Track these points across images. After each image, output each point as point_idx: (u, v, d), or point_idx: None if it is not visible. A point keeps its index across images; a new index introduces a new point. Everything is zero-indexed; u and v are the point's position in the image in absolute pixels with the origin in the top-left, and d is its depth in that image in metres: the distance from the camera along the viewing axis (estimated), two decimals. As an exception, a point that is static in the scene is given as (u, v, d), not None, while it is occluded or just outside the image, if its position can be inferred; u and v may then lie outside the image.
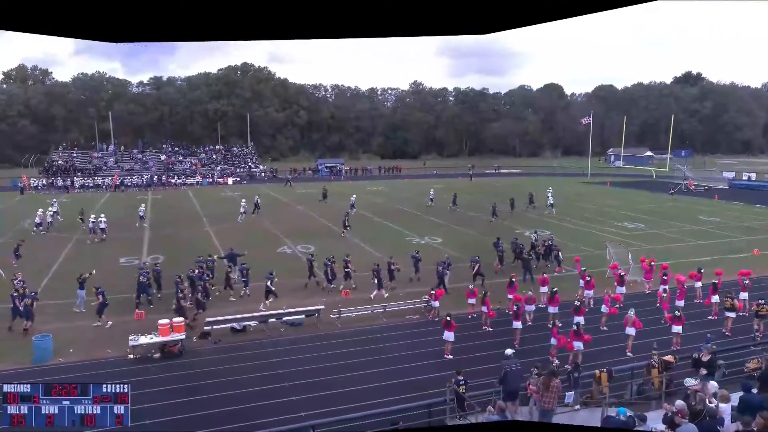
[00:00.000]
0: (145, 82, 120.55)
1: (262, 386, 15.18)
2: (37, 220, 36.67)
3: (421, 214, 44.57)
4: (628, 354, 16.95)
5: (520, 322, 18.30)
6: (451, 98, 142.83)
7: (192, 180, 73.74)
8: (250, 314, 19.77)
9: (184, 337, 17.68)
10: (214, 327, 18.65)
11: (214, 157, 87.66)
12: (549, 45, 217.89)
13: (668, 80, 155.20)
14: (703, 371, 13.35)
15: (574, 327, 16.48)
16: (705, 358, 13.47)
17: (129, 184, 68.08)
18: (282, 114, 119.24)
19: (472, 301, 20.49)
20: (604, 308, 19.43)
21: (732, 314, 18.63)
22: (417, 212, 45.52)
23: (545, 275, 22.53)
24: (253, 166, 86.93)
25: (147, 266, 24.37)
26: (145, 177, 72.02)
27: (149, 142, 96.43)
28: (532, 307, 19.75)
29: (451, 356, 17.01)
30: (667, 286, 21.68)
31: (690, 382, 13.95)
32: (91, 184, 67.35)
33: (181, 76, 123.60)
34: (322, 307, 20.31)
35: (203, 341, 18.41)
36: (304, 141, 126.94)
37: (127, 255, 29.99)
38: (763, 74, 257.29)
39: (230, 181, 75.08)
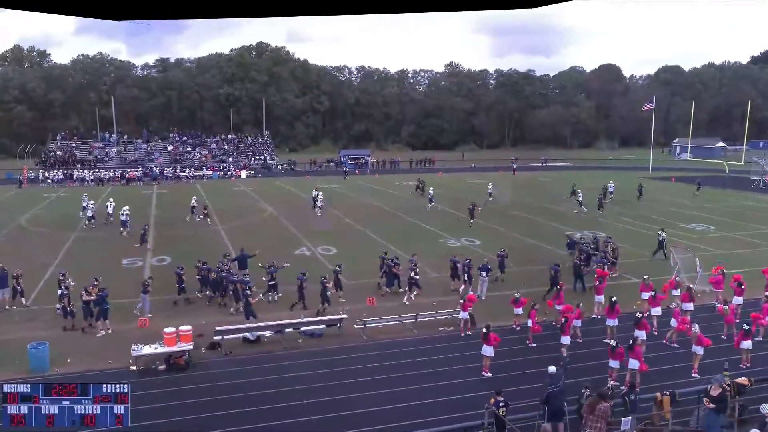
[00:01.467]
0: (151, 64, 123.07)
1: (276, 404, 15.31)
2: (90, 213, 39.15)
3: (457, 212, 44.38)
4: (694, 375, 16.62)
5: (568, 337, 18.11)
6: (491, 81, 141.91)
7: (201, 173, 74.72)
8: (265, 323, 19.95)
9: (191, 347, 17.93)
10: (225, 337, 18.88)
11: (226, 147, 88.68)
12: (605, 20, 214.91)
13: (744, 60, 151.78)
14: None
15: (630, 342, 16.20)
16: (715, 393, 13.03)
17: (132, 177, 69.29)
18: (301, 100, 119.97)
19: (519, 311, 20.35)
20: (673, 322, 19.10)
21: None
22: (452, 210, 45.31)
23: (599, 284, 22.17)
24: (269, 157, 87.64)
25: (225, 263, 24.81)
26: (151, 169, 73.25)
27: (155, 131, 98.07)
28: (579, 323, 19.41)
29: (490, 374, 16.92)
30: (741, 298, 21.12)
31: (767, 408, 13.66)
32: (92, 177, 68.75)
33: (190, 58, 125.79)
34: (345, 316, 20.39)
35: (212, 352, 18.65)
36: (326, 130, 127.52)
37: (130, 256, 30.55)
38: None
39: (243, 174, 75.87)
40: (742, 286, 21.73)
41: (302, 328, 19.82)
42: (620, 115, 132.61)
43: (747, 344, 17.51)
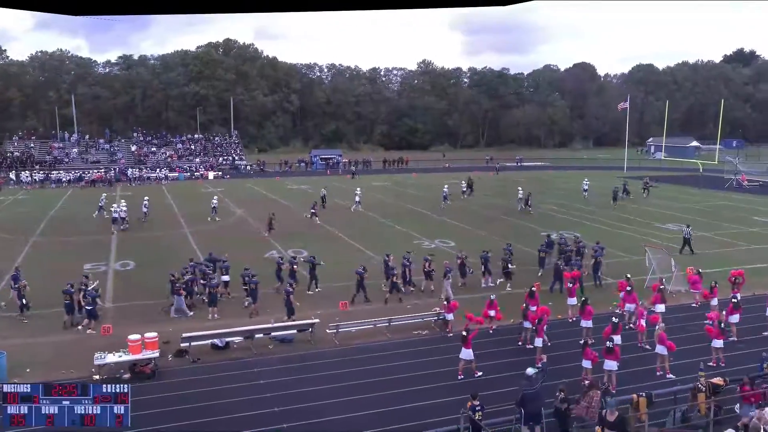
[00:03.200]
0: (113, 61, 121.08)
1: (247, 412, 15.21)
2: (114, 215, 39.08)
3: (431, 213, 44.53)
4: (669, 376, 16.86)
5: (541, 339, 18.30)
6: (465, 80, 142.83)
7: (167, 173, 73.87)
8: (234, 329, 19.80)
9: (157, 355, 17.72)
10: (192, 344, 18.68)
11: (193, 147, 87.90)
12: (578, 18, 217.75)
13: (717, 59, 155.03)
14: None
15: (608, 344, 16.43)
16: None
17: (98, 178, 68.24)
18: (270, 98, 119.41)
19: (493, 312, 20.46)
20: (643, 322, 19.34)
21: None
22: (427, 211, 45.48)
23: (571, 285, 22.41)
24: (237, 158, 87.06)
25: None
26: (113, 170, 72.20)
27: (117, 131, 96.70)
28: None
29: (462, 376, 17.07)
30: (739, 295, 21.31)
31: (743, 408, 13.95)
32: (53, 179, 67.56)
33: (155, 55, 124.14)
34: (317, 321, 20.33)
35: (180, 360, 18.45)
36: (296, 129, 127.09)
37: (93, 261, 30.08)
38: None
39: (211, 175, 75.25)
40: (741, 282, 22.06)
41: (273, 334, 19.72)
42: (595, 115, 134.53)
43: (719, 343, 17.84)
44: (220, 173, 76.72)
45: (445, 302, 20.92)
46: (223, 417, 14.90)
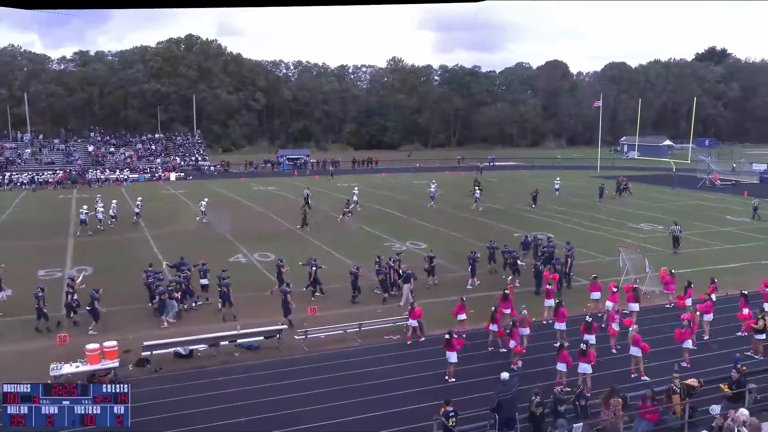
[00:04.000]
0: (69, 57, 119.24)
1: (212, 422, 15.05)
2: (111, 213, 40.43)
3: (402, 214, 44.62)
4: (644, 378, 17.14)
5: (515, 341, 18.41)
6: (436, 78, 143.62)
7: (127, 175, 72.75)
8: (198, 336, 19.59)
9: (117, 365, 17.45)
10: (154, 352, 18.43)
11: (154, 147, 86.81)
12: (550, 15, 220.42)
13: (689, 57, 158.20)
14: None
15: (582, 346, 16.62)
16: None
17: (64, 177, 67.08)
18: (235, 96, 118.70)
19: (462, 317, 20.53)
20: (615, 326, 19.60)
21: (762, 336, 18.90)
22: (397, 212, 45.58)
23: (550, 287, 22.66)
24: (200, 158, 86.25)
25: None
26: (70, 171, 70.88)
27: (73, 130, 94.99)
28: (527, 330, 19.66)
29: (453, 380, 17.20)
30: (714, 295, 21.67)
31: (716, 409, 14.24)
32: (7, 181, 66.12)
33: (113, 51, 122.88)
34: (285, 327, 20.23)
35: (141, 369, 18.19)
36: (262, 129, 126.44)
37: (47, 267, 29.51)
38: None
39: (173, 176, 74.42)
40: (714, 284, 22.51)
41: (238, 341, 19.55)
42: (567, 113, 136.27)
43: (689, 343, 18.16)
44: (182, 174, 75.86)
45: (409, 307, 20.91)
46: (187, 428, 14.72)
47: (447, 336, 17.42)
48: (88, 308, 20.96)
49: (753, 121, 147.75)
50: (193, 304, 23.54)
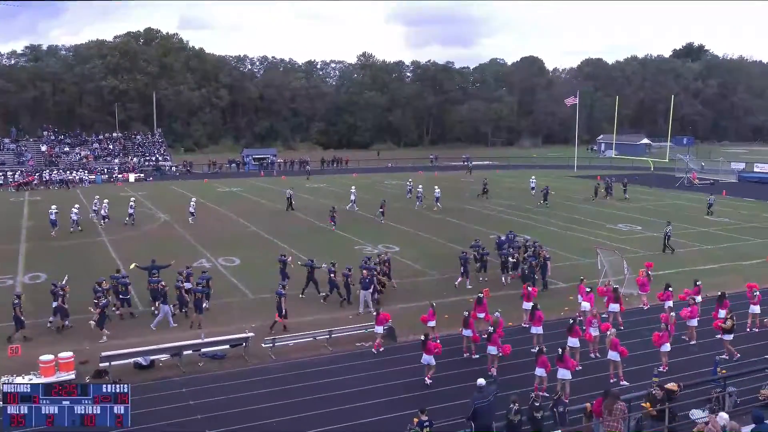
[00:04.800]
0: (20, 51, 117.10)
1: (175, 436, 14.88)
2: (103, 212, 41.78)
3: (373, 216, 44.63)
4: (623, 383, 17.34)
5: (495, 347, 18.43)
6: (408, 74, 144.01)
7: (83, 176, 71.63)
8: (159, 346, 19.34)
9: (73, 377, 17.17)
10: (113, 363, 18.16)
11: (111, 147, 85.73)
12: (525, 9, 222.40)
13: (667, 53, 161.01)
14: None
15: (559, 350, 16.70)
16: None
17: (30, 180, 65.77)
18: (197, 93, 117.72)
19: (432, 323, 20.53)
20: (593, 331, 19.78)
21: (729, 336, 19.28)
22: (368, 214, 45.56)
23: (530, 288, 22.71)
24: (161, 158, 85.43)
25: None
26: (20, 173, 69.63)
27: (25, 129, 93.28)
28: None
29: (430, 380, 17.27)
30: (699, 297, 22.02)
31: (697, 414, 14.48)
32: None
33: (67, 45, 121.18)
34: (251, 334, 20.06)
35: (99, 381, 17.88)
36: (226, 127, 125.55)
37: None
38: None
39: (132, 177, 73.53)
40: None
41: (202, 350, 19.36)
42: (543, 111, 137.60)
43: (667, 347, 18.43)
44: (141, 175, 74.98)
45: (374, 313, 20.82)
46: (148, 443, 14.53)
47: (422, 338, 17.46)
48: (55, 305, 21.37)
49: (730, 120, 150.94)
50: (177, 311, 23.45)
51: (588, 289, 21.87)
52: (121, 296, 23.24)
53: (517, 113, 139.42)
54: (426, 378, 17.43)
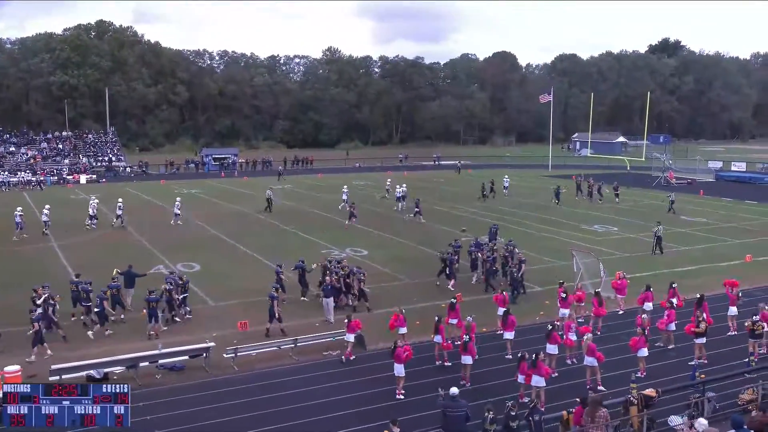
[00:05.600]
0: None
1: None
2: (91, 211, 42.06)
3: (341, 219, 44.59)
4: (600, 389, 17.54)
5: (469, 356, 18.47)
6: (376, 70, 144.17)
7: (30, 177, 70.40)
8: (113, 358, 19.07)
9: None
10: (64, 376, 17.86)
11: (61, 147, 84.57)
12: (497, 3, 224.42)
13: (642, 49, 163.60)
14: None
15: (533, 356, 16.80)
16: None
17: None
18: (153, 90, 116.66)
19: (403, 330, 20.56)
20: (572, 336, 19.98)
21: (701, 340, 19.63)
22: (336, 216, 45.51)
23: (504, 293, 22.76)
24: (115, 158, 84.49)
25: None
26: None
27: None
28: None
29: (402, 396, 17.24)
30: (675, 300, 22.35)
31: (675, 420, 14.69)
32: None
33: (12, 39, 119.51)
34: (212, 344, 19.88)
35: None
36: (185, 126, 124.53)
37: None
38: (752, 42, 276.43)
39: (83, 178, 72.45)
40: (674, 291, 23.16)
41: (160, 362, 19.13)
42: (517, 108, 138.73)
43: (644, 352, 18.71)
44: (94, 176, 73.95)
45: (346, 320, 20.71)
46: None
47: (392, 346, 17.45)
48: (96, 310, 21.71)
49: (707, 117, 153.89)
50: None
51: (564, 294, 22.07)
52: (83, 303, 22.96)
53: (490, 110, 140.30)
54: (397, 393, 17.37)
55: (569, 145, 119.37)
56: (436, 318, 19.92)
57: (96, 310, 22.03)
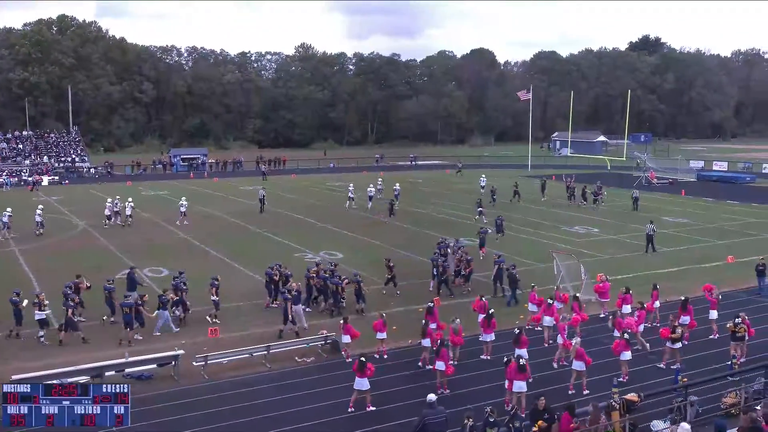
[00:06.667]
0: None
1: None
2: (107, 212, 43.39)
3: (314, 221, 44.53)
4: (585, 392, 17.68)
5: (443, 362, 18.42)
6: (351, 67, 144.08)
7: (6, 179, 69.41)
8: (78, 367, 18.83)
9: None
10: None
11: (21, 147, 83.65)
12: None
13: (623, 46, 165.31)
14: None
15: (521, 362, 16.85)
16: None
17: None
18: (118, 87, 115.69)
19: (382, 335, 20.58)
20: (559, 339, 20.12)
21: (677, 345, 19.82)
22: (308, 218, 45.45)
23: (484, 299, 22.70)
24: (78, 158, 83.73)
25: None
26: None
27: None
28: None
29: (353, 409, 17.07)
30: (658, 303, 22.66)
31: (658, 425, 14.85)
32: None
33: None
34: (181, 352, 19.72)
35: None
36: (152, 125, 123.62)
37: None
38: (733, 40, 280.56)
39: (45, 180, 71.54)
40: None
41: (126, 370, 18.94)
42: (495, 107, 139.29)
43: (627, 355, 18.92)
44: (56, 178, 73.13)
45: (342, 322, 20.68)
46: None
47: (361, 359, 17.33)
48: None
49: (688, 116, 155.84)
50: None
51: (550, 301, 22.17)
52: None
53: (468, 109, 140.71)
54: (350, 406, 17.15)
55: (549, 145, 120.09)
56: (424, 321, 20.02)
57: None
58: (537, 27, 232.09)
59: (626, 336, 19.10)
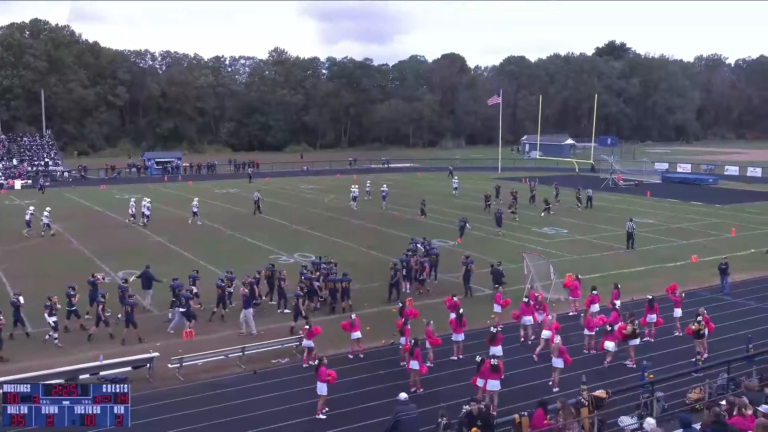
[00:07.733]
0: None
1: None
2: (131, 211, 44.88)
3: (288, 223, 44.38)
4: (555, 390, 17.85)
5: (416, 362, 18.45)
6: (324, 71, 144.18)
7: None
8: (52, 370, 18.56)
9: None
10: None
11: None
12: (445, 5, 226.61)
13: (590, 51, 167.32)
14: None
15: (493, 362, 16.91)
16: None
17: None
18: (92, 91, 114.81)
19: (356, 335, 20.55)
20: (545, 333, 20.26)
21: (635, 341, 20.17)
22: (281, 221, 45.30)
23: (456, 298, 22.71)
24: (51, 162, 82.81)
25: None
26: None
27: None
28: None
29: (323, 416, 16.91)
30: (618, 302, 22.89)
31: (626, 421, 15.01)
32: None
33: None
34: (156, 354, 19.53)
35: None
36: (126, 128, 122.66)
37: None
38: (695, 45, 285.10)
39: (18, 184, 70.58)
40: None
41: (101, 373, 18.72)
42: (466, 110, 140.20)
43: (610, 345, 19.48)
44: (29, 182, 72.04)
45: (306, 327, 20.55)
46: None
47: (316, 362, 17.28)
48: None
49: (653, 119, 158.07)
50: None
51: (526, 299, 22.27)
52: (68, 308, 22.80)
53: (439, 113, 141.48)
54: (318, 412, 16.93)
55: (518, 148, 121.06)
56: (402, 320, 20.06)
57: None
58: (506, 33, 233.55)
59: (608, 327, 19.74)
